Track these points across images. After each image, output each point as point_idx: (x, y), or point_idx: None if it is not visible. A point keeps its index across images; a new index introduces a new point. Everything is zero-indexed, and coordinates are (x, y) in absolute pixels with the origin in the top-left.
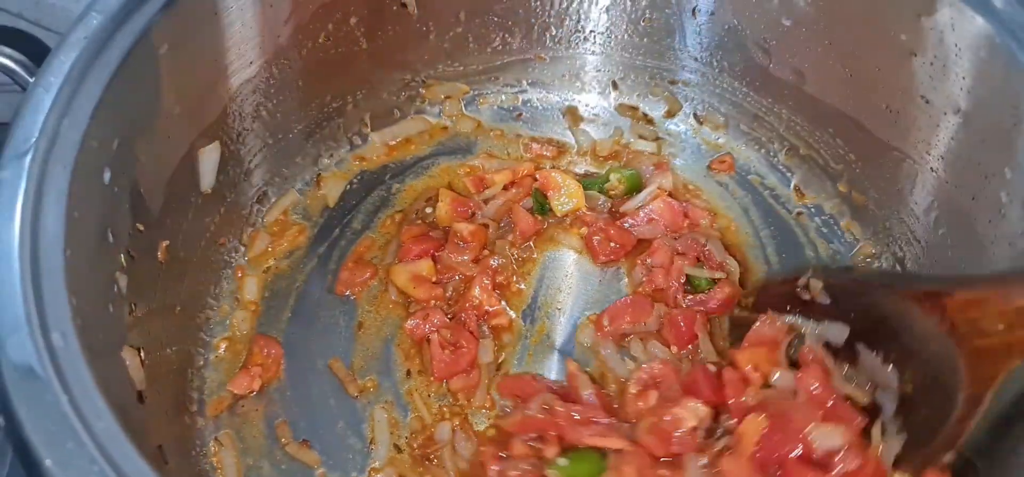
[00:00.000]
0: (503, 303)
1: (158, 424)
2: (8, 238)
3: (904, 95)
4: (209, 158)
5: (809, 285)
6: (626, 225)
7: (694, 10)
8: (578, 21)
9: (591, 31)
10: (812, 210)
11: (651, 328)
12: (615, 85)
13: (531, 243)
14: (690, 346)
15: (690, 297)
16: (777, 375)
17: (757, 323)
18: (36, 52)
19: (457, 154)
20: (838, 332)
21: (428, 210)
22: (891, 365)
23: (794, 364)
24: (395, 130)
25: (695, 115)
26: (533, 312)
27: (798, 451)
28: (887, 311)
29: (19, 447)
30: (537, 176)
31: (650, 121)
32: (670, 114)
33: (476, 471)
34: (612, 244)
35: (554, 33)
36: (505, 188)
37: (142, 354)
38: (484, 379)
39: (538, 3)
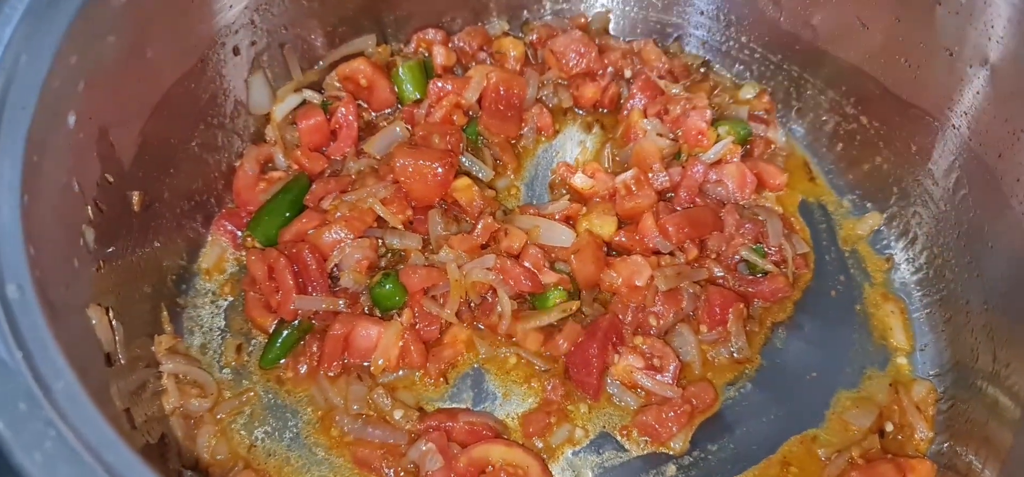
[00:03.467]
0: None
1: (126, 386)
2: None
3: (925, 47)
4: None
5: None
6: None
7: None
8: None
9: None
10: (823, 173)
11: (687, 311)
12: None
13: None
14: (720, 328)
15: (741, 277)
16: None
17: None
18: None
19: None
20: None
21: None
22: None
23: None
24: None
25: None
26: None
27: None
28: None
29: None
30: None
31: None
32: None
33: None
34: (685, 229)
35: None
36: None
37: (111, 314)
38: None
39: None
